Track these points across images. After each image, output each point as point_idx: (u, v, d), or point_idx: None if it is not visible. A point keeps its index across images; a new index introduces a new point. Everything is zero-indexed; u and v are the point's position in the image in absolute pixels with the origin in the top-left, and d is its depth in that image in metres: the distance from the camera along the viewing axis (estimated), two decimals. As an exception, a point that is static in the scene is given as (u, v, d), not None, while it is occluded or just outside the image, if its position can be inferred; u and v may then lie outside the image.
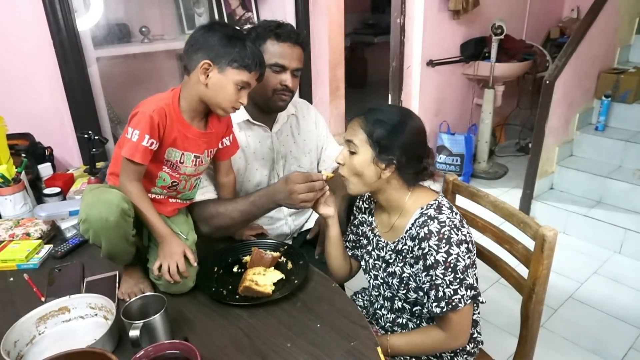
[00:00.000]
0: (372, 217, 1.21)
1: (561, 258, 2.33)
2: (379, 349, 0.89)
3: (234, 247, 1.27)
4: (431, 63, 3.32)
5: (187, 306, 1.05)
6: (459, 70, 3.60)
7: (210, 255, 1.21)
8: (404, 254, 1.10)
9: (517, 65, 3.44)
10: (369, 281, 1.23)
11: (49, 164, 1.71)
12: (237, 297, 1.06)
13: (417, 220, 1.05)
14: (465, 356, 1.16)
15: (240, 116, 1.42)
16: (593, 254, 2.57)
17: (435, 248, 1.00)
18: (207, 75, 1.05)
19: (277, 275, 1.11)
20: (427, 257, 1.01)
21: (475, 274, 1.05)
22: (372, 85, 6.49)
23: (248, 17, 2.62)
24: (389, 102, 3.52)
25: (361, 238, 1.26)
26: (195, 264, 1.09)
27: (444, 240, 1.00)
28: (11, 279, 1.17)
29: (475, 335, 1.18)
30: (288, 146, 1.51)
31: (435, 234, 1.00)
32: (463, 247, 1.01)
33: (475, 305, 1.12)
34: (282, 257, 1.21)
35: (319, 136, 1.59)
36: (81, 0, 1.91)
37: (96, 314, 1.00)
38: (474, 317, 1.13)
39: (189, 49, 1.07)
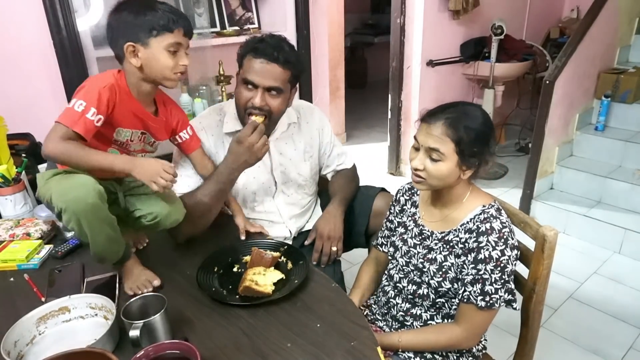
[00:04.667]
0: (415, 208, 1.23)
1: (561, 258, 2.33)
2: (378, 349, 0.89)
3: (234, 247, 1.27)
4: (431, 63, 3.32)
5: (187, 306, 1.05)
6: (458, 70, 3.60)
7: (211, 255, 1.21)
8: (452, 244, 1.11)
9: (517, 66, 3.44)
10: (395, 266, 1.24)
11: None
12: (237, 297, 1.06)
13: (478, 216, 1.07)
14: (470, 358, 1.17)
15: (232, 125, 1.41)
16: (593, 254, 2.57)
17: (493, 245, 1.02)
18: (137, 56, 1.05)
19: (277, 275, 1.11)
20: (482, 250, 1.03)
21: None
22: (372, 85, 6.50)
23: (248, 17, 2.62)
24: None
25: (397, 227, 1.27)
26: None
27: (502, 240, 1.03)
28: (11, 279, 1.17)
29: (482, 339, 1.19)
30: (287, 154, 1.49)
31: (497, 232, 1.03)
32: (514, 253, 1.05)
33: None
34: (282, 257, 1.21)
35: (323, 143, 1.57)
36: (81, 0, 1.91)
37: (96, 314, 1.00)
38: None
39: (110, 39, 1.07)
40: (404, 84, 3.40)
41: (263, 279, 1.08)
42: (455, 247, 1.10)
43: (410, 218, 1.23)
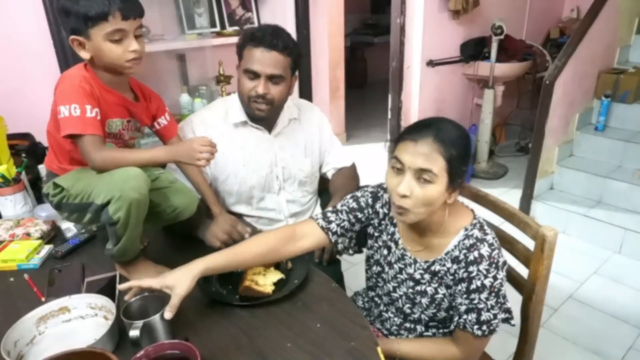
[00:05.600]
0: (394, 227, 1.13)
1: (561, 258, 2.33)
2: (379, 349, 0.89)
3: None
4: (431, 63, 3.32)
5: (187, 306, 1.05)
6: (459, 70, 3.60)
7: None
8: (440, 275, 1.05)
9: (517, 66, 3.44)
10: (382, 286, 1.18)
11: (49, 164, 1.71)
12: (237, 297, 1.06)
13: (463, 243, 1.00)
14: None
15: (238, 116, 1.42)
16: (593, 254, 2.57)
17: (485, 273, 0.96)
18: (85, 49, 1.01)
19: (277, 275, 1.11)
20: (474, 280, 0.97)
21: None
22: (372, 85, 6.50)
23: (248, 17, 2.62)
24: (385, 103, 3.51)
25: (377, 244, 1.17)
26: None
27: (493, 265, 0.97)
28: (11, 279, 1.17)
29: None
30: (288, 149, 1.49)
31: (487, 259, 0.96)
32: (504, 270, 1.00)
33: None
34: (282, 257, 1.21)
35: (322, 140, 1.57)
36: (81, 1, 1.90)
37: (96, 314, 1.00)
38: None
39: (65, 32, 1.05)
40: (404, 84, 3.40)
41: (263, 279, 1.08)
42: (445, 277, 1.05)
43: (390, 237, 1.14)
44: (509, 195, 3.26)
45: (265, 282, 1.07)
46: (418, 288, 1.09)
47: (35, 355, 0.91)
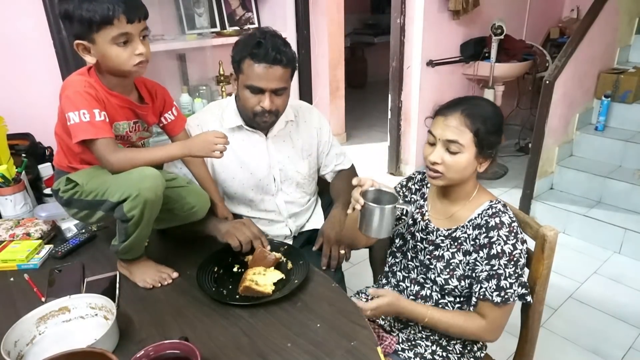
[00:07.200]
0: (424, 201, 1.22)
1: (561, 258, 2.33)
2: (378, 348, 0.89)
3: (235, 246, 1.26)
4: (431, 63, 3.32)
5: (187, 306, 1.05)
6: (458, 70, 3.60)
7: (211, 255, 1.21)
8: (460, 241, 1.11)
9: (517, 66, 3.45)
10: (399, 261, 1.24)
11: (49, 164, 1.70)
12: (237, 297, 1.06)
13: (486, 211, 1.08)
14: (471, 359, 1.17)
15: (233, 121, 1.42)
16: (593, 254, 2.57)
17: (504, 239, 1.03)
18: (91, 53, 1.01)
19: (277, 275, 1.11)
20: (494, 246, 1.04)
21: None
22: (372, 85, 6.50)
23: (248, 17, 2.62)
24: (390, 97, 3.51)
25: (405, 218, 1.23)
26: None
27: (513, 233, 1.04)
28: (11, 279, 1.17)
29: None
30: (285, 151, 1.49)
31: (507, 226, 1.04)
32: (525, 247, 1.06)
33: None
34: (282, 257, 1.21)
35: (321, 141, 1.57)
36: (81, 1, 1.90)
37: (96, 314, 1.00)
38: None
39: (68, 37, 1.06)
40: (404, 84, 3.40)
41: (263, 279, 1.08)
42: (464, 243, 1.10)
43: (417, 210, 1.22)
44: (509, 195, 3.26)
45: (265, 282, 1.07)
46: (436, 253, 1.14)
47: (35, 355, 0.91)
